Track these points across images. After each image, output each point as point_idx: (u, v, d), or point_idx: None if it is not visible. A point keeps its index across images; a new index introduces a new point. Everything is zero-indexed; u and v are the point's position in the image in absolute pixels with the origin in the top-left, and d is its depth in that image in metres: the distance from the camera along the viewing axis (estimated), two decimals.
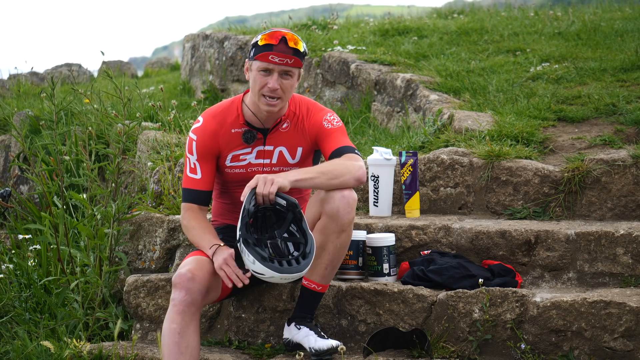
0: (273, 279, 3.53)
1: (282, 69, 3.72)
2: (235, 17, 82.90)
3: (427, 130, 5.20)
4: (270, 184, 3.55)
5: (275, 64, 3.71)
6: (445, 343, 3.82)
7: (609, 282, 4.01)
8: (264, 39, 3.71)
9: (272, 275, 3.50)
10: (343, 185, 3.67)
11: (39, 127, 6.96)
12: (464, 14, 9.55)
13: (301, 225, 3.60)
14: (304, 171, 3.69)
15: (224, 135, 3.84)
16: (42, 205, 5.86)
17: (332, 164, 3.72)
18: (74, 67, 11.49)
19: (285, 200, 3.58)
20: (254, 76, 3.77)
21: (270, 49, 3.70)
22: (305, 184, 3.65)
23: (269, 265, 3.49)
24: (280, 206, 3.59)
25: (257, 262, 3.49)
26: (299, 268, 3.52)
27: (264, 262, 3.49)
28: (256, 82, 3.76)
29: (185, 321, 3.59)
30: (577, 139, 4.91)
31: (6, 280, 4.86)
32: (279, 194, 3.58)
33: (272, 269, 3.48)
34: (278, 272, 3.49)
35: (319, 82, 7.52)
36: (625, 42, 6.82)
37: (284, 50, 3.70)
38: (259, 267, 3.50)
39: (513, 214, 4.43)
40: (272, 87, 3.72)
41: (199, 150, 3.81)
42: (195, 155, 3.81)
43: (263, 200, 3.56)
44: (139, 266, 4.70)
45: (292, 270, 3.51)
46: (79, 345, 3.97)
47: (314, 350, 3.70)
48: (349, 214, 3.68)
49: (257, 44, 3.73)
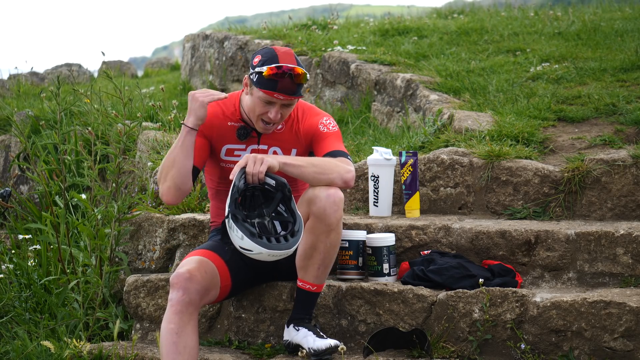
0: (261, 255, 3.51)
1: (285, 103, 3.74)
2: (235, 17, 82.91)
3: (427, 130, 5.20)
4: (260, 163, 3.56)
5: (279, 100, 3.72)
6: (445, 343, 3.82)
7: (609, 282, 4.01)
8: (269, 72, 3.67)
9: (259, 251, 3.48)
10: (330, 182, 3.68)
11: (39, 127, 6.96)
12: (464, 14, 9.55)
13: (290, 205, 3.59)
14: (295, 158, 3.71)
15: (220, 125, 3.86)
16: (42, 205, 5.86)
17: (324, 160, 3.73)
18: (74, 67, 11.49)
19: (274, 180, 3.58)
20: (254, 101, 3.76)
21: (274, 86, 3.68)
22: (294, 170, 3.66)
23: (258, 241, 3.47)
24: (270, 186, 3.59)
25: (245, 237, 3.47)
26: (287, 245, 3.51)
27: (253, 238, 3.47)
28: (256, 107, 3.76)
29: (183, 321, 3.59)
30: (577, 139, 4.91)
31: (6, 280, 4.86)
32: (268, 174, 3.58)
33: (260, 244, 3.47)
34: (266, 248, 3.47)
35: (318, 82, 7.52)
36: (625, 42, 6.82)
37: (288, 88, 3.69)
38: (247, 243, 3.48)
39: (513, 214, 4.43)
40: (273, 118, 3.75)
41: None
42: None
43: (252, 180, 3.56)
44: (139, 266, 4.70)
45: (280, 247, 3.49)
46: (79, 345, 3.97)
47: (313, 351, 3.70)
48: (335, 213, 3.67)
49: (262, 74, 3.69)
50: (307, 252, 3.70)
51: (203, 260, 3.71)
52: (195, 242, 4.53)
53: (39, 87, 9.70)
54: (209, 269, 3.70)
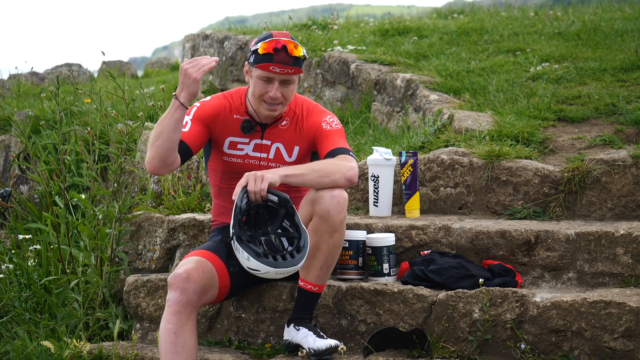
0: (268, 274, 3.52)
1: (283, 78, 3.75)
2: (235, 17, 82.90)
3: (427, 130, 5.20)
4: (260, 180, 3.55)
5: (276, 73, 3.73)
6: (445, 343, 3.82)
7: (609, 282, 4.01)
8: (264, 47, 3.72)
9: (267, 270, 3.49)
10: (334, 184, 3.67)
11: (39, 127, 6.96)
12: (464, 14, 9.55)
13: (294, 220, 3.59)
14: (294, 167, 3.69)
15: (225, 117, 3.87)
16: (42, 205, 5.86)
17: (324, 163, 3.72)
18: (74, 67, 11.49)
19: (276, 197, 3.58)
20: (254, 82, 3.80)
21: (270, 59, 3.72)
22: (296, 180, 3.65)
23: (264, 261, 3.48)
24: (272, 202, 3.59)
25: (251, 258, 3.48)
26: (293, 262, 3.51)
27: (258, 258, 3.48)
28: (257, 89, 3.79)
29: (181, 321, 3.59)
30: (577, 139, 4.91)
31: (6, 280, 4.86)
32: (270, 190, 3.58)
33: (266, 264, 3.48)
34: (273, 267, 3.48)
35: (319, 82, 7.52)
36: (625, 42, 6.82)
37: (284, 59, 3.72)
38: (253, 264, 3.49)
39: (513, 214, 4.42)
40: (273, 96, 3.76)
41: (196, 113, 3.85)
42: (191, 116, 3.83)
43: (255, 198, 3.56)
44: (139, 266, 4.70)
45: (286, 265, 3.50)
46: (79, 345, 3.97)
47: (313, 351, 3.70)
48: (339, 214, 3.67)
49: (257, 51, 3.74)
50: (310, 252, 3.68)
51: (201, 261, 3.72)
52: (195, 242, 4.53)
53: (39, 87, 9.69)
54: (206, 269, 3.70)
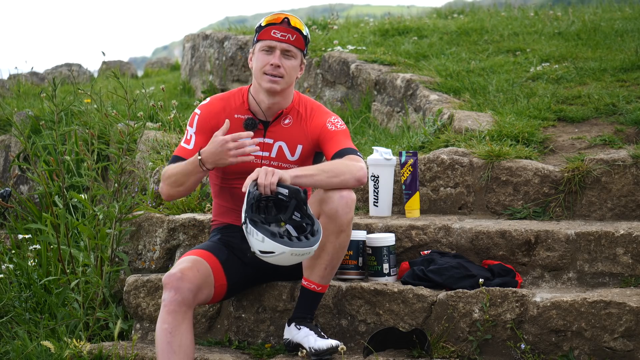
0: (283, 256, 3.45)
1: (284, 46, 3.78)
2: (235, 17, 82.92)
3: (427, 130, 5.20)
4: (271, 174, 3.55)
5: (278, 40, 3.77)
6: (445, 343, 3.82)
7: (609, 282, 4.01)
8: (267, 20, 3.82)
9: (282, 250, 3.42)
10: (343, 184, 3.67)
11: (39, 127, 6.97)
12: (464, 14, 9.55)
13: (305, 211, 3.56)
14: (304, 168, 3.69)
15: (226, 118, 3.86)
16: (42, 205, 5.86)
17: (333, 163, 3.72)
18: (74, 67, 11.49)
19: (287, 189, 3.57)
20: (256, 57, 3.83)
21: (272, 27, 3.79)
22: (306, 180, 3.64)
23: (279, 241, 3.42)
24: (283, 195, 3.56)
25: (266, 239, 3.42)
26: (309, 243, 3.46)
27: (274, 238, 3.42)
28: (258, 62, 3.81)
29: (177, 320, 3.60)
30: (577, 139, 4.91)
31: (6, 280, 4.86)
32: (280, 184, 3.57)
33: (282, 243, 3.41)
34: (288, 247, 3.42)
35: (319, 82, 7.52)
36: (625, 42, 6.82)
37: (285, 30, 3.78)
38: (268, 245, 3.43)
39: (513, 214, 4.43)
40: (274, 63, 3.77)
41: (199, 123, 3.86)
42: (195, 128, 3.86)
43: (265, 191, 3.55)
44: (139, 266, 4.70)
45: (302, 245, 3.44)
46: (79, 345, 3.97)
47: (314, 350, 3.70)
48: (347, 214, 3.68)
49: (260, 25, 3.83)
50: (315, 252, 3.67)
51: (196, 260, 3.72)
52: (195, 242, 4.53)
53: (39, 87, 9.70)
54: (202, 268, 3.71)
